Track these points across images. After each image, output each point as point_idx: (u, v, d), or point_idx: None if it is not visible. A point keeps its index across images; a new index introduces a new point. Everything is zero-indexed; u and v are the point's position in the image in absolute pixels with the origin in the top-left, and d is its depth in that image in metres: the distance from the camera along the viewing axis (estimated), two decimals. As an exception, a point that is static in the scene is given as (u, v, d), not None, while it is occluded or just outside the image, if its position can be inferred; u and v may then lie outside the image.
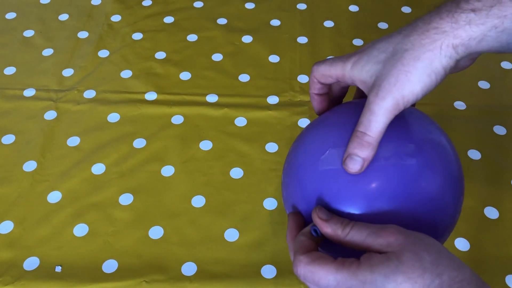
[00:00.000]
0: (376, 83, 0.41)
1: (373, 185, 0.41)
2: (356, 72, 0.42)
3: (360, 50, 0.43)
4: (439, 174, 0.42)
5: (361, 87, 0.43)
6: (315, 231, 0.41)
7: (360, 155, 0.41)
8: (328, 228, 0.40)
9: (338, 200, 0.41)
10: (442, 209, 0.42)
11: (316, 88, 0.47)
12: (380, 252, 0.37)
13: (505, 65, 0.75)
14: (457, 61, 0.40)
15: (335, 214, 0.41)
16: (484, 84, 0.73)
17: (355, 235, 0.39)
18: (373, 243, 0.38)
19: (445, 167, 0.42)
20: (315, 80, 0.46)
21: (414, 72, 0.39)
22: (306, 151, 0.44)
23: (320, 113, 0.48)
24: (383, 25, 0.81)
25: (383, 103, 0.40)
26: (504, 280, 0.54)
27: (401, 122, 0.43)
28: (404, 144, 0.42)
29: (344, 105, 0.47)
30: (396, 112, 0.40)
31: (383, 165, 0.41)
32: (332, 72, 0.44)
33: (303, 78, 0.73)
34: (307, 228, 0.42)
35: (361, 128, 0.41)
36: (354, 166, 0.41)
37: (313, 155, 0.43)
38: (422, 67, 0.39)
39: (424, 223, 0.41)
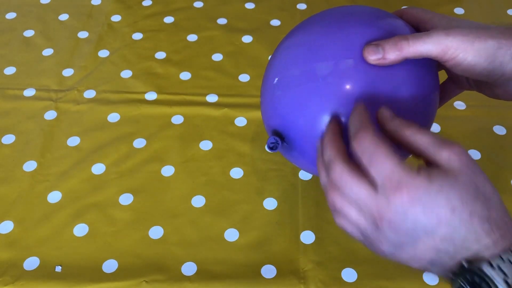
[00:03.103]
0: (449, 25, 0.44)
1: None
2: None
3: None
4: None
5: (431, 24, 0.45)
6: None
7: (386, 49, 0.41)
8: (391, 125, 0.40)
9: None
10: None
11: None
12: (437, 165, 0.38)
13: (505, 65, 0.75)
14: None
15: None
16: (484, 84, 0.73)
17: (420, 139, 0.39)
18: (435, 153, 0.38)
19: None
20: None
21: (479, 46, 0.41)
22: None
23: None
24: (383, 25, 0.81)
25: (443, 38, 0.41)
26: (504, 280, 0.54)
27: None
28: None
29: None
30: (439, 55, 0.42)
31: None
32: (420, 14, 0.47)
33: (303, 78, 0.73)
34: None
35: (409, 36, 0.42)
36: (373, 55, 0.42)
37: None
38: (488, 48, 0.41)
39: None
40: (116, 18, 0.83)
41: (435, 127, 0.67)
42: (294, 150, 0.48)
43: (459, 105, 0.70)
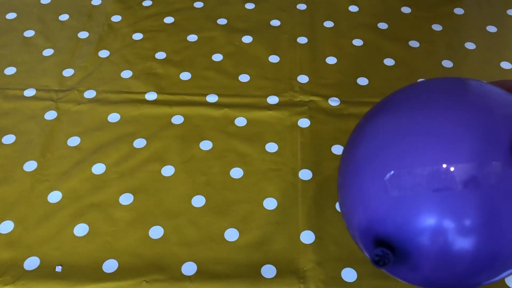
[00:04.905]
0: None
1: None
2: None
3: None
4: None
5: None
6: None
7: None
8: None
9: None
10: None
11: None
12: None
13: (505, 65, 0.75)
14: None
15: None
16: (484, 84, 0.73)
17: None
18: None
19: None
20: None
21: None
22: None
23: None
24: (383, 25, 0.81)
25: None
26: (504, 280, 0.54)
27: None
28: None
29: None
30: None
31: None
32: None
33: (303, 78, 0.73)
34: None
35: None
36: None
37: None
38: None
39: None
40: (116, 18, 0.83)
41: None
42: (404, 265, 0.39)
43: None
